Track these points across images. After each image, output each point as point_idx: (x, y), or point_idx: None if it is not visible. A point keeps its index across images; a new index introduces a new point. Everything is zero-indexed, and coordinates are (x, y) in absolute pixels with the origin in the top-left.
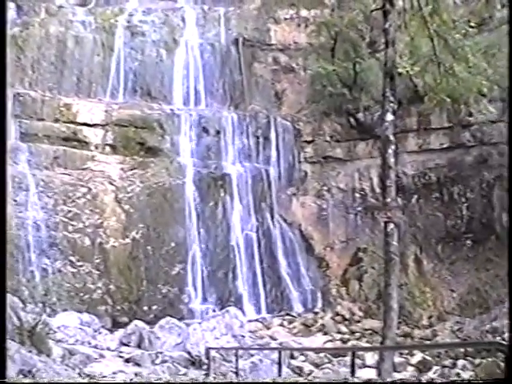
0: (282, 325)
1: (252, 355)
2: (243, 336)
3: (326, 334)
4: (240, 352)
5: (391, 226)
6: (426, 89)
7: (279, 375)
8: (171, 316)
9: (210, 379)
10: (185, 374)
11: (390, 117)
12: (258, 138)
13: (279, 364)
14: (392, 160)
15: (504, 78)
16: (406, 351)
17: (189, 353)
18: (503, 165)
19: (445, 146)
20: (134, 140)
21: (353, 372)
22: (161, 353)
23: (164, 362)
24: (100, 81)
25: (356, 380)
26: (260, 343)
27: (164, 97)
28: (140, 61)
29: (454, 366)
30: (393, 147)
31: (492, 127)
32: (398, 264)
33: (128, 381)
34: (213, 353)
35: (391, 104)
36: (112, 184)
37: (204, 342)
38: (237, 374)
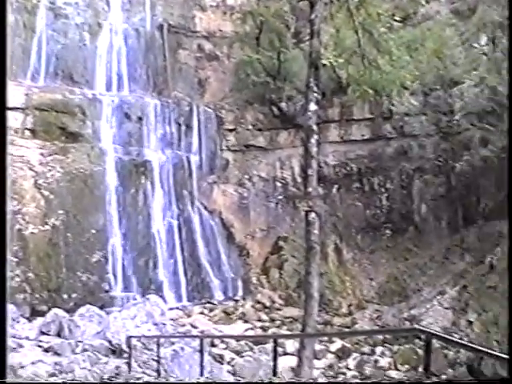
0: (202, 313)
1: (173, 343)
2: (164, 324)
3: (246, 321)
4: (161, 340)
5: (312, 215)
6: (350, 80)
7: (201, 363)
8: (91, 304)
9: (132, 368)
10: (106, 363)
11: (313, 107)
12: (180, 125)
13: (201, 352)
14: (314, 149)
15: (425, 72)
16: (326, 339)
17: (109, 341)
18: (423, 157)
19: (366, 137)
20: (55, 125)
21: (275, 359)
22: (81, 341)
23: (84, 350)
24: (21, 63)
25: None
26: (181, 331)
27: (86, 81)
28: (62, 44)
29: (373, 352)
30: (315, 137)
31: (413, 120)
32: (318, 253)
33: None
34: (134, 341)
35: (315, 94)
36: (31, 169)
37: (125, 331)
38: (158, 362)
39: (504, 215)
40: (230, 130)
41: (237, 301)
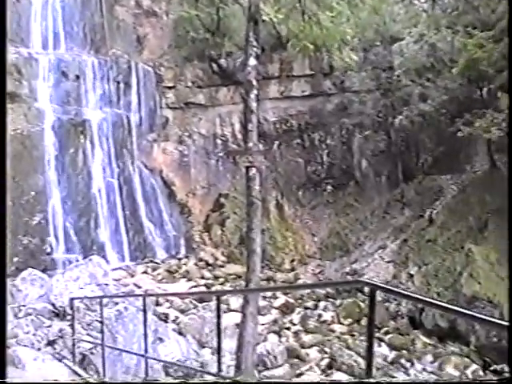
0: (146, 272)
1: (117, 303)
2: (107, 284)
3: (190, 280)
4: (105, 301)
5: (253, 170)
6: (290, 36)
7: (144, 322)
8: (33, 267)
9: (76, 330)
10: (49, 326)
11: (253, 61)
12: (118, 83)
13: (144, 311)
14: (254, 104)
15: (365, 28)
16: (270, 295)
17: (53, 304)
18: (363, 112)
19: (306, 93)
20: None
21: (219, 316)
22: (24, 306)
23: (28, 315)
24: None
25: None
26: (125, 291)
27: (21, 39)
28: None
29: (316, 307)
30: (255, 92)
31: (353, 76)
32: (260, 208)
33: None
34: (77, 303)
35: (254, 49)
36: None
37: (68, 293)
38: (102, 323)
39: (442, 170)
40: (170, 88)
41: (180, 259)
